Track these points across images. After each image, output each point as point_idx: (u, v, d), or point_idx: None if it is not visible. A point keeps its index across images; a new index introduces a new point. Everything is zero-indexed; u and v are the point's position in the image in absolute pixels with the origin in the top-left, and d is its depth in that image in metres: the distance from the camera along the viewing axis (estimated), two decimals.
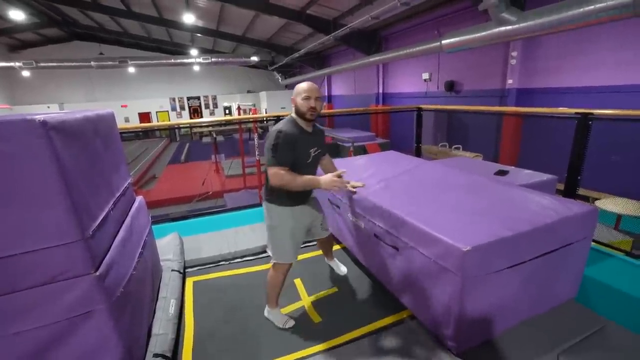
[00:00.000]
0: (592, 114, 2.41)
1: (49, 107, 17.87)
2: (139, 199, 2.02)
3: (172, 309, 1.82)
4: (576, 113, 2.51)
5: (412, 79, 11.07)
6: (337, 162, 3.07)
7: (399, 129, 11.98)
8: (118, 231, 1.51)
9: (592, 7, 3.88)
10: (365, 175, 2.46)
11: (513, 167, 2.74)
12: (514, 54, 7.18)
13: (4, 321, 1.08)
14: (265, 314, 1.90)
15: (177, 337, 1.72)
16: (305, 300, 2.06)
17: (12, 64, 12.50)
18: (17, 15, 9.74)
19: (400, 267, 1.76)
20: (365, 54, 11.00)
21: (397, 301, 1.93)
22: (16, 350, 1.12)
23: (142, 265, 1.67)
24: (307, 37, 12.83)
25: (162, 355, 1.49)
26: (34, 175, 1.04)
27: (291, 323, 1.83)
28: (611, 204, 4.12)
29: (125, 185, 1.78)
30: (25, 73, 14.32)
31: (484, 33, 5.18)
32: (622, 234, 3.79)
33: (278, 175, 1.61)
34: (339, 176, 1.77)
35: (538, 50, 6.76)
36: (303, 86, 1.71)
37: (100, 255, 1.25)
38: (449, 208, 1.73)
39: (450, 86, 9.34)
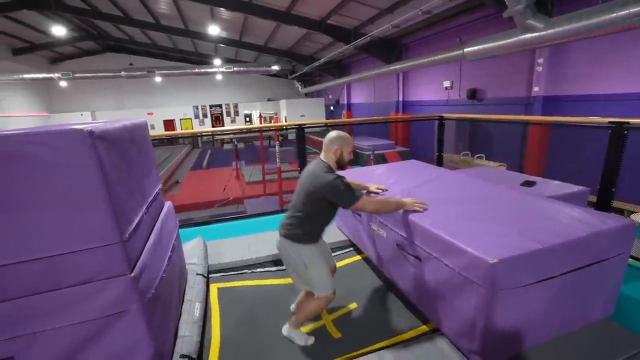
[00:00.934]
0: (628, 123, 2.31)
1: (82, 114, 18.85)
2: (168, 204, 2.10)
3: (197, 312, 1.87)
4: (610, 122, 2.42)
5: (433, 87, 10.96)
6: (357, 171, 3.09)
7: (419, 138, 11.82)
8: (150, 235, 1.58)
9: (625, 11, 3.76)
10: (387, 184, 2.45)
11: (540, 178, 2.66)
12: (540, 60, 7.00)
13: (48, 316, 1.15)
14: (285, 332, 1.87)
15: (202, 340, 1.76)
16: (325, 318, 2.04)
17: (52, 75, 13.32)
18: (58, 30, 10.44)
19: (423, 278, 1.74)
20: (385, 62, 11.01)
21: (419, 313, 1.90)
22: (56, 345, 1.18)
23: (171, 268, 1.74)
24: (327, 46, 12.99)
25: (189, 357, 1.53)
26: (80, 181, 1.11)
27: (312, 340, 1.83)
28: None
29: (156, 191, 1.86)
30: (63, 83, 15.21)
31: (508, 40, 5.09)
32: None
33: (370, 202, 1.74)
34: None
35: (567, 56, 6.55)
36: (350, 141, 1.83)
37: (135, 258, 1.31)
38: (473, 218, 1.70)
39: (473, 94, 9.18)
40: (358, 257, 2.64)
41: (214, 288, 2.30)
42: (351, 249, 2.79)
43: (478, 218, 1.71)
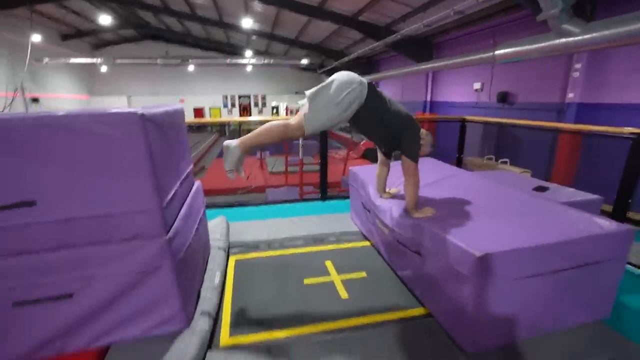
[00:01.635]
0: None
1: (119, 99, 19.93)
2: (197, 183, 2.34)
3: (217, 279, 2.10)
4: (631, 133, 2.41)
5: (462, 88, 10.76)
6: (374, 166, 3.22)
7: (444, 139, 11.68)
8: (181, 207, 1.81)
9: None
10: (400, 180, 2.58)
11: (555, 185, 2.68)
12: (578, 65, 6.75)
13: (100, 264, 1.40)
14: (229, 146, 1.74)
15: (220, 302, 1.99)
16: (335, 277, 2.25)
17: (95, 60, 14.19)
18: (105, 19, 11.08)
19: (421, 270, 1.87)
20: (415, 61, 10.91)
21: (418, 299, 2.04)
22: (105, 288, 1.43)
23: (197, 238, 1.97)
24: (357, 42, 13.01)
25: (208, 314, 1.76)
26: (131, 154, 1.34)
27: (241, 175, 1.78)
28: None
29: (188, 170, 2.10)
30: (103, 68, 16.13)
31: (541, 45, 4.97)
32: None
33: (413, 176, 1.95)
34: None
35: (608, 62, 6.27)
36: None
37: (169, 224, 1.54)
38: (475, 217, 1.81)
39: (503, 97, 8.97)
40: (367, 243, 2.80)
41: (232, 260, 2.54)
42: (362, 237, 2.94)
43: (479, 216, 1.82)
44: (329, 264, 2.44)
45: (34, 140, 1.24)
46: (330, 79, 1.74)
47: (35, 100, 12.67)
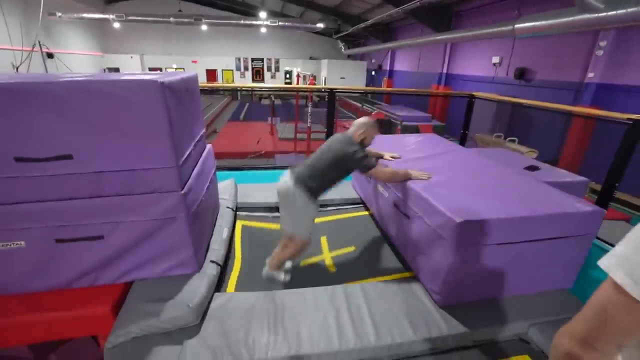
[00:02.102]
0: None
1: (132, 57, 19.82)
2: (209, 146, 2.53)
3: (225, 234, 2.35)
4: (628, 119, 2.47)
5: (480, 62, 10.41)
6: (381, 138, 3.36)
7: (457, 114, 11.50)
8: (195, 166, 2.02)
9: None
10: (401, 152, 2.73)
11: (548, 165, 2.79)
12: (603, 43, 6.46)
13: (125, 212, 1.64)
14: (265, 275, 2.12)
15: (227, 253, 2.26)
16: (326, 254, 2.46)
17: (107, 16, 14.02)
18: None
19: (409, 232, 2.08)
20: (434, 30, 10.52)
21: (406, 263, 2.26)
22: (130, 233, 1.69)
23: (208, 196, 2.20)
24: (375, 7, 12.50)
25: (216, 262, 2.02)
26: (152, 117, 1.52)
27: (289, 278, 2.15)
28: None
29: (201, 133, 2.29)
30: (116, 25, 15.94)
31: (563, 19, 4.81)
32: None
33: (382, 172, 2.05)
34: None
35: (636, 39, 5.98)
36: (375, 130, 2.12)
37: (184, 180, 1.75)
38: (461, 189, 1.97)
39: (521, 74, 8.70)
40: (366, 213, 3.01)
41: (239, 224, 2.76)
42: (361, 205, 3.15)
43: (465, 188, 1.98)
44: (323, 240, 2.62)
45: (69, 101, 1.43)
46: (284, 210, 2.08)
47: (50, 56, 12.77)
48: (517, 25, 5.71)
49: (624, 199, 5.43)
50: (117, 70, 19.07)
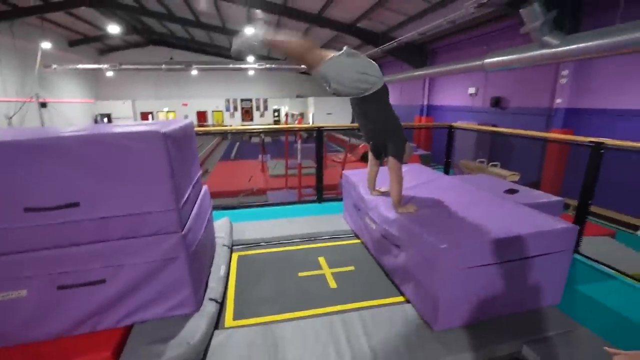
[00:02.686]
0: (603, 143, 2.60)
1: (123, 102, 20.34)
2: (205, 187, 2.65)
3: (222, 271, 2.40)
4: (590, 142, 2.70)
5: (458, 93, 11.07)
6: (365, 169, 3.52)
7: (441, 142, 11.98)
8: (193, 208, 2.12)
9: (637, 34, 3.91)
10: (387, 183, 2.88)
11: (526, 188, 2.98)
12: (565, 72, 7.04)
13: (129, 255, 1.71)
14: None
15: (225, 290, 2.30)
16: (326, 270, 2.55)
17: (101, 65, 14.59)
18: (114, 29, 11.42)
19: (400, 261, 2.17)
20: (412, 66, 11.24)
21: (398, 288, 2.33)
22: (131, 275, 1.74)
23: (205, 235, 2.27)
24: (356, 47, 13.29)
25: (215, 300, 2.06)
26: (155, 164, 1.65)
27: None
28: None
29: (198, 175, 2.41)
30: (109, 73, 16.55)
31: (526, 55, 5.29)
32: None
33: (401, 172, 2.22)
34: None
35: (593, 69, 6.56)
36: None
37: (184, 222, 1.84)
38: (445, 215, 2.11)
39: (497, 102, 9.27)
40: (358, 241, 3.10)
41: (235, 256, 2.84)
42: (353, 235, 3.24)
43: (449, 215, 2.12)
44: (321, 259, 2.74)
45: (80, 153, 1.55)
46: (369, 60, 2.13)
47: (43, 105, 13.06)
48: (486, 61, 6.22)
49: (608, 215, 5.65)
50: (108, 116, 19.47)
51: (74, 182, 1.58)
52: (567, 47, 4.57)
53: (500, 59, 5.87)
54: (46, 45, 12.06)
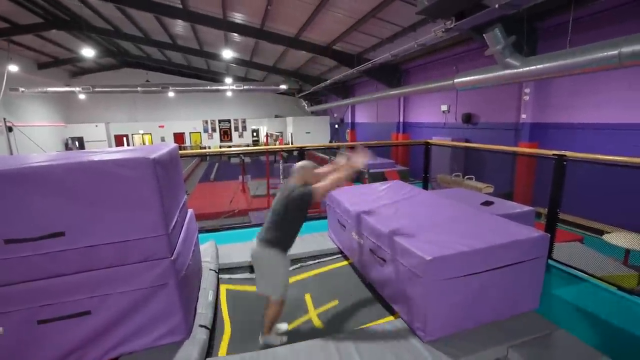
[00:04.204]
0: (565, 155, 2.82)
1: (97, 125, 19.75)
2: (190, 210, 2.63)
3: (210, 297, 2.36)
4: (554, 154, 2.93)
5: (431, 110, 11.58)
6: (349, 189, 3.62)
7: (419, 158, 12.41)
8: (181, 232, 2.10)
9: (589, 57, 4.31)
10: (370, 200, 2.98)
11: (500, 199, 3.16)
12: (527, 90, 7.57)
13: (117, 283, 1.67)
14: (262, 341, 2.11)
15: (214, 316, 2.25)
16: (312, 313, 2.49)
17: (73, 89, 14.19)
18: (88, 52, 11.19)
19: (387, 275, 2.23)
20: (387, 86, 11.70)
21: (389, 307, 2.37)
22: (119, 305, 1.69)
23: (193, 259, 2.25)
24: (333, 68, 13.77)
25: (205, 327, 2.03)
26: (144, 190, 1.65)
27: (285, 338, 2.16)
28: (620, 239, 4.24)
29: (184, 200, 2.40)
30: (81, 96, 16.11)
31: (491, 75, 5.68)
32: (630, 268, 3.90)
33: (323, 186, 2.03)
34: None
35: (551, 86, 7.11)
36: (311, 170, 2.19)
37: (173, 246, 1.83)
38: (427, 229, 2.21)
39: (468, 118, 9.76)
40: (345, 263, 3.13)
41: (223, 288, 2.74)
42: (339, 255, 3.27)
43: (430, 228, 2.22)
44: (307, 297, 2.66)
45: (66, 181, 1.54)
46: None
47: (10, 129, 12.48)
48: (456, 80, 6.62)
49: (577, 222, 5.98)
50: (80, 139, 18.81)
51: (59, 211, 1.56)
52: (527, 68, 4.97)
53: (469, 78, 6.27)
54: (13, 68, 11.66)
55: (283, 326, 2.28)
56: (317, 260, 3.21)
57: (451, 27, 5.25)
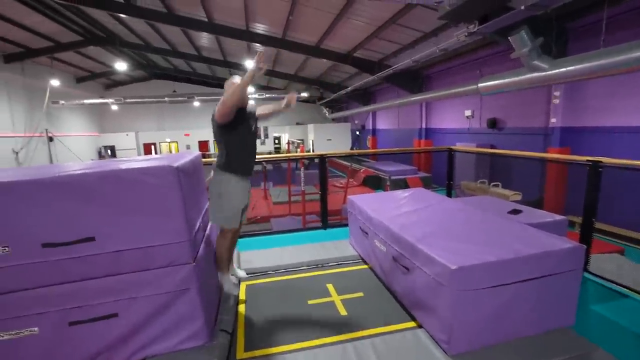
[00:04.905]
0: (601, 162, 2.66)
1: (127, 134, 20.76)
2: None
3: (231, 302, 2.39)
4: (587, 160, 2.77)
5: (454, 116, 11.32)
6: (372, 196, 3.57)
7: (441, 164, 12.12)
8: (203, 238, 2.15)
9: (625, 56, 4.08)
10: (392, 208, 2.93)
11: (529, 208, 3.01)
12: (557, 93, 7.24)
13: (142, 287, 1.72)
14: (219, 278, 2.15)
15: (235, 321, 2.27)
16: (335, 297, 2.53)
17: (107, 100, 15.05)
18: (121, 66, 11.91)
19: (410, 283, 2.17)
20: (409, 92, 11.57)
21: (410, 314, 2.31)
22: (144, 308, 1.74)
23: (214, 266, 2.29)
24: (353, 75, 13.80)
25: (226, 331, 2.04)
26: (169, 197, 1.70)
27: (236, 290, 2.11)
28: None
29: (206, 206, 2.46)
30: (114, 107, 17.03)
31: (517, 78, 5.48)
32: None
33: (227, 98, 1.95)
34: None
35: (584, 88, 6.76)
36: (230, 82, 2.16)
37: (195, 252, 1.87)
38: (452, 237, 2.13)
39: (493, 123, 9.46)
40: (365, 266, 3.09)
41: (243, 285, 2.82)
42: (360, 261, 3.23)
43: (456, 237, 2.14)
44: (329, 286, 2.72)
45: (97, 189, 1.61)
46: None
47: (50, 139, 13.35)
48: (480, 84, 6.44)
49: (617, 232, 5.60)
50: (112, 147, 19.80)
51: (91, 217, 1.63)
52: (557, 70, 4.75)
53: (494, 82, 6.07)
54: (55, 82, 12.52)
55: (241, 273, 2.32)
56: (337, 263, 3.19)
57: (474, 31, 5.13)
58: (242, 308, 2.49)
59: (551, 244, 1.97)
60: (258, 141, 22.00)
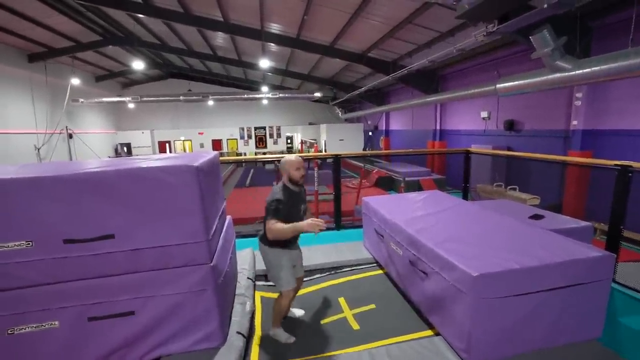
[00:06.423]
0: (631, 166, 2.54)
1: (143, 132, 21.16)
2: (229, 217, 2.69)
3: (248, 306, 2.37)
4: (616, 165, 2.65)
5: (470, 117, 11.10)
6: (386, 197, 3.52)
7: (456, 166, 11.89)
8: (219, 238, 2.15)
9: None
10: (409, 210, 2.87)
11: (551, 213, 2.91)
12: (579, 95, 7.01)
13: (159, 286, 1.73)
14: (271, 334, 2.20)
15: (251, 325, 2.26)
16: (347, 313, 2.46)
17: (124, 99, 15.39)
18: (138, 65, 12.18)
19: (428, 289, 2.12)
20: (423, 92, 11.41)
21: (426, 321, 2.25)
22: (161, 307, 1.75)
23: (230, 266, 2.29)
24: (367, 75, 13.70)
25: (242, 334, 2.03)
26: (187, 196, 1.70)
27: (293, 339, 2.17)
28: None
29: (223, 207, 2.46)
30: (130, 105, 17.39)
31: (538, 79, 5.32)
32: None
33: (273, 229, 2.00)
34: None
35: (608, 90, 6.52)
36: (294, 163, 2.20)
37: (212, 253, 1.87)
38: (472, 242, 2.07)
39: (510, 125, 9.23)
40: (380, 272, 3.04)
41: (258, 296, 2.76)
42: (375, 264, 3.18)
43: (476, 241, 2.08)
44: (342, 300, 2.64)
45: (118, 186, 1.63)
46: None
47: (70, 136, 13.74)
48: (498, 85, 6.28)
49: None
50: (128, 145, 20.23)
51: (110, 214, 1.65)
52: (581, 71, 4.58)
53: (513, 83, 5.91)
54: (75, 81, 12.86)
55: (299, 312, 2.37)
56: (351, 268, 3.14)
57: (493, 31, 5.00)
58: (258, 317, 2.46)
59: (578, 251, 1.88)
60: (270, 140, 21.98)
